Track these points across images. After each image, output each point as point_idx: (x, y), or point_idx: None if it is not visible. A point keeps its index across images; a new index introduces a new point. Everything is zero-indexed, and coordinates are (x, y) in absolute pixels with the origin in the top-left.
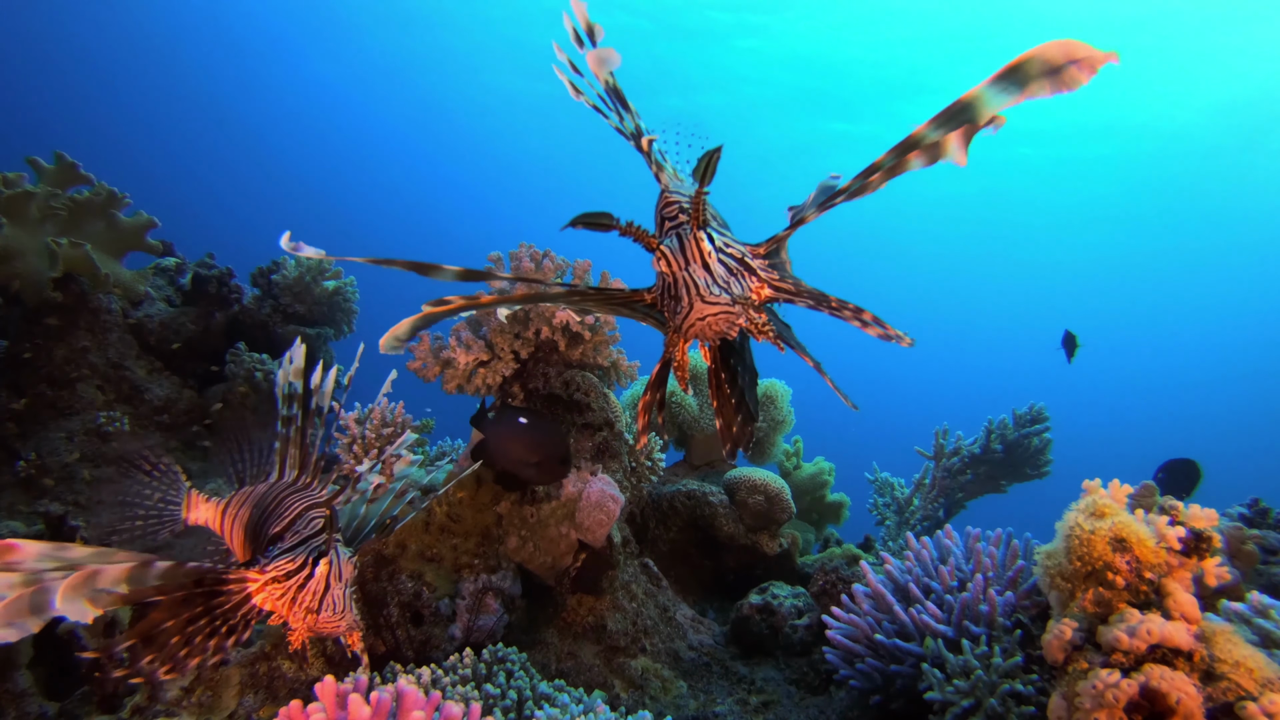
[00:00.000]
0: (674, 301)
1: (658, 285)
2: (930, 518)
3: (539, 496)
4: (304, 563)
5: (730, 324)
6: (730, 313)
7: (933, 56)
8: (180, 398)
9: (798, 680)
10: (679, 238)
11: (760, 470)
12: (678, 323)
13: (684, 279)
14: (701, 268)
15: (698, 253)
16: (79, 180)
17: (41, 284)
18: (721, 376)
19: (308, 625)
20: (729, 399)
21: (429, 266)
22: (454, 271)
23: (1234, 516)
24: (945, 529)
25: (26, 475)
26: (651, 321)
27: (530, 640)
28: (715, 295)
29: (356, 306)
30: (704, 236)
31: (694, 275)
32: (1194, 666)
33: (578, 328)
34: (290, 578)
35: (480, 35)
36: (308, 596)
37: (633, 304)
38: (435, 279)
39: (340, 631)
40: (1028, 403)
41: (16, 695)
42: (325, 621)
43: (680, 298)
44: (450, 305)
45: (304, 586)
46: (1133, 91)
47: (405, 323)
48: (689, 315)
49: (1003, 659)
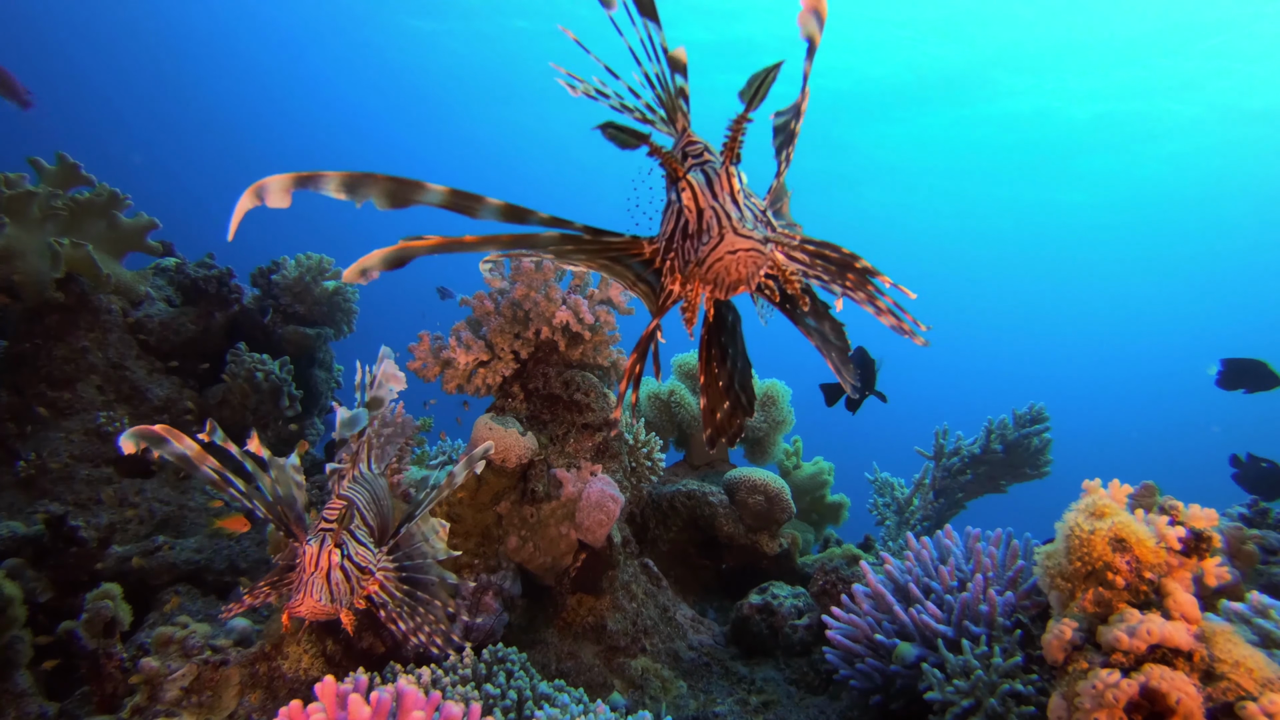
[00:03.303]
0: (692, 239)
1: (667, 228)
2: (930, 518)
3: (539, 496)
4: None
5: (757, 267)
6: (760, 253)
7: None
8: (180, 398)
9: (798, 680)
10: (705, 174)
11: (760, 470)
12: (701, 256)
13: (714, 210)
14: (732, 203)
15: (729, 187)
16: (80, 181)
17: (43, 284)
18: (711, 351)
19: (287, 607)
20: (715, 379)
21: (471, 197)
22: (495, 206)
23: (1234, 516)
24: (945, 529)
25: (26, 475)
26: (641, 289)
27: (530, 640)
28: (749, 230)
29: (356, 306)
30: (737, 173)
31: (725, 206)
32: (1194, 666)
33: (578, 328)
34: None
35: (482, 35)
36: (292, 580)
37: (627, 258)
38: (475, 216)
39: (311, 616)
40: (1028, 403)
41: (16, 695)
42: (296, 604)
43: (708, 230)
44: (428, 242)
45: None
46: (1133, 86)
47: (376, 254)
48: (718, 247)
49: (1003, 659)
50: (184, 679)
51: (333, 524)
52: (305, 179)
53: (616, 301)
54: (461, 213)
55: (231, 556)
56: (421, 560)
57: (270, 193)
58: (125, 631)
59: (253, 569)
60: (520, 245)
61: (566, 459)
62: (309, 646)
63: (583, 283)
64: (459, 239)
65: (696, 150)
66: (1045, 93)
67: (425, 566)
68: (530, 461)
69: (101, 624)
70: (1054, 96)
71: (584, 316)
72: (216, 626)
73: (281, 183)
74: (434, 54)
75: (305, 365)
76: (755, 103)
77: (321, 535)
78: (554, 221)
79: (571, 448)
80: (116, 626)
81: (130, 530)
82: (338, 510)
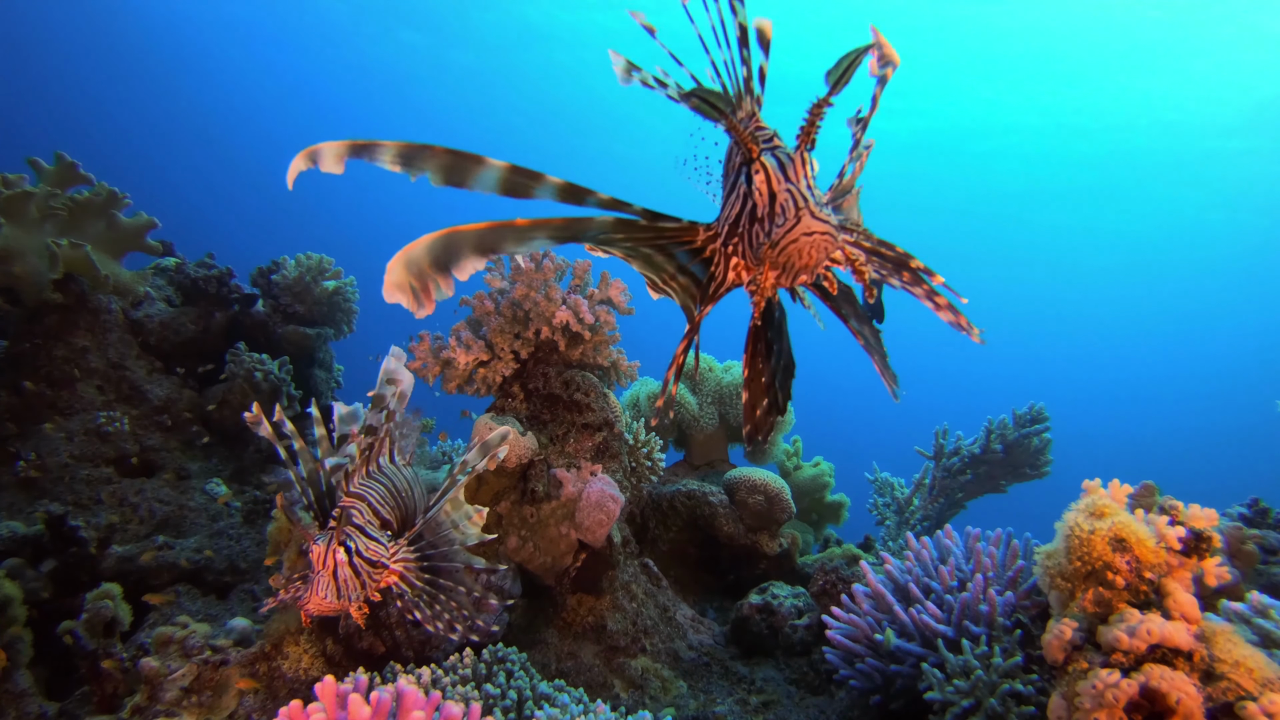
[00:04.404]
0: (761, 223)
1: (730, 212)
2: (930, 518)
3: (539, 496)
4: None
5: (828, 253)
6: (833, 239)
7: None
8: (180, 398)
9: (798, 680)
10: (777, 158)
11: (760, 470)
12: (776, 237)
13: (789, 192)
14: (807, 188)
15: (803, 173)
16: (79, 180)
17: (41, 284)
18: (758, 346)
19: (298, 604)
20: (759, 375)
21: (530, 174)
22: (555, 185)
23: (1234, 516)
24: (945, 529)
25: (26, 475)
26: (679, 282)
27: (530, 640)
28: (826, 214)
29: (356, 306)
30: (811, 159)
31: (801, 189)
32: (1194, 666)
33: (578, 328)
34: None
35: (480, 38)
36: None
37: (674, 245)
38: (530, 196)
39: (319, 612)
40: (1028, 403)
41: (16, 695)
42: (304, 601)
43: (782, 211)
44: (477, 227)
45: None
46: (1137, 85)
47: (421, 243)
48: (793, 228)
49: (1003, 659)
50: (184, 679)
51: (335, 524)
52: (361, 147)
53: (616, 301)
54: (516, 194)
55: (231, 556)
56: (448, 548)
57: (324, 158)
58: (125, 631)
59: (253, 569)
60: (572, 229)
61: (566, 459)
62: (309, 646)
63: (583, 283)
64: (510, 222)
65: (766, 135)
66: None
67: (451, 554)
68: (530, 461)
69: (101, 624)
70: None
71: (584, 316)
72: (217, 626)
73: (336, 150)
74: (433, 50)
75: (305, 365)
76: (841, 84)
77: (329, 535)
78: (613, 204)
79: (571, 448)
80: (116, 626)
81: (130, 530)
82: (341, 510)
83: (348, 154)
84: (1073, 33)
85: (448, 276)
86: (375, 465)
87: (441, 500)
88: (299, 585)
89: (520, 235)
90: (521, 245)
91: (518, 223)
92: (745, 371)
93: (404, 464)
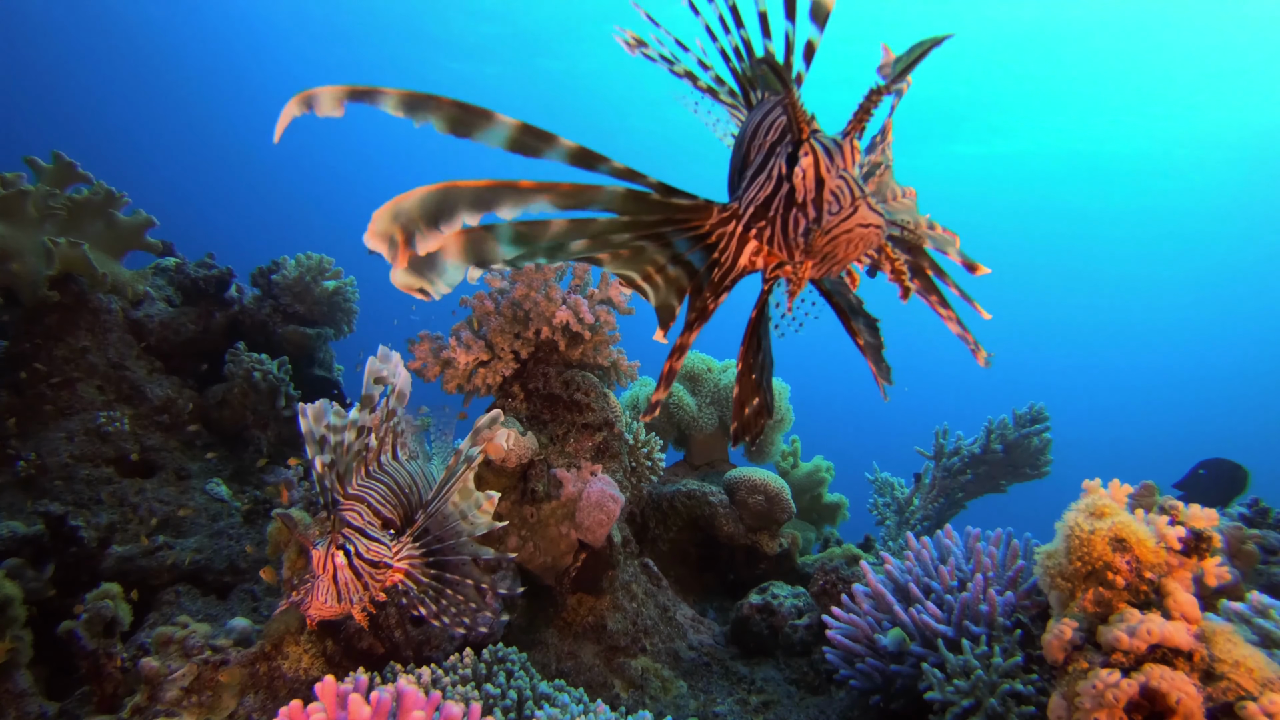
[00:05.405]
0: (800, 209)
1: (758, 194)
2: (930, 518)
3: (539, 496)
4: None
5: (871, 247)
6: (881, 233)
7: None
8: (180, 398)
9: (798, 680)
10: (823, 144)
11: (760, 470)
12: (827, 225)
13: (843, 180)
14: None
15: (853, 160)
16: (77, 179)
17: (37, 284)
18: (752, 342)
19: (300, 608)
20: (750, 370)
21: (541, 134)
22: (567, 148)
23: (1234, 516)
24: (945, 529)
25: (26, 475)
26: (670, 273)
27: (530, 640)
28: (881, 207)
29: (356, 306)
30: (860, 146)
31: (854, 178)
32: (1194, 666)
33: (578, 328)
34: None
35: (482, 39)
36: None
37: (677, 231)
38: (539, 156)
39: (320, 615)
40: (1028, 403)
41: (16, 695)
42: (305, 605)
43: (836, 199)
44: (476, 184)
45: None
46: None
47: (414, 194)
48: (849, 218)
49: (1003, 659)
50: (184, 679)
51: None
52: (362, 92)
53: (616, 301)
54: (525, 153)
55: (231, 556)
56: (454, 540)
57: (321, 102)
58: (125, 631)
59: (253, 569)
60: (579, 197)
61: (566, 459)
62: (309, 646)
63: (583, 283)
64: (512, 182)
65: (807, 118)
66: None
67: (458, 546)
68: (530, 461)
69: (101, 624)
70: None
71: (584, 316)
72: (217, 626)
73: (334, 93)
74: (432, 50)
75: (305, 365)
76: (905, 73)
77: (328, 539)
78: (628, 173)
79: (571, 447)
80: (116, 626)
81: (130, 530)
82: (336, 515)
83: (347, 98)
84: (1063, 60)
85: (436, 232)
86: (376, 464)
87: (443, 493)
88: (305, 588)
89: (521, 197)
90: (520, 208)
91: (521, 184)
92: (739, 365)
93: (407, 459)
